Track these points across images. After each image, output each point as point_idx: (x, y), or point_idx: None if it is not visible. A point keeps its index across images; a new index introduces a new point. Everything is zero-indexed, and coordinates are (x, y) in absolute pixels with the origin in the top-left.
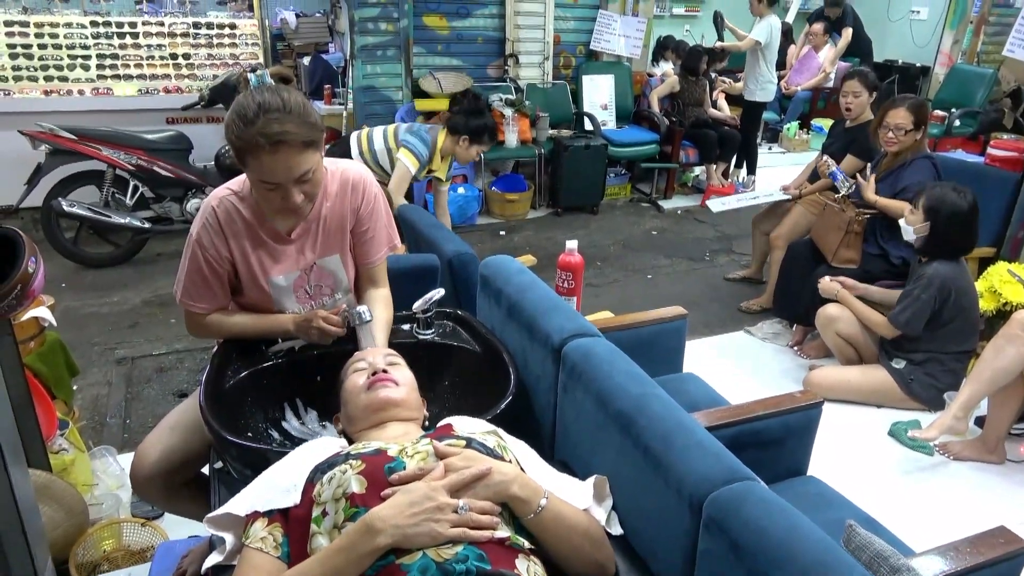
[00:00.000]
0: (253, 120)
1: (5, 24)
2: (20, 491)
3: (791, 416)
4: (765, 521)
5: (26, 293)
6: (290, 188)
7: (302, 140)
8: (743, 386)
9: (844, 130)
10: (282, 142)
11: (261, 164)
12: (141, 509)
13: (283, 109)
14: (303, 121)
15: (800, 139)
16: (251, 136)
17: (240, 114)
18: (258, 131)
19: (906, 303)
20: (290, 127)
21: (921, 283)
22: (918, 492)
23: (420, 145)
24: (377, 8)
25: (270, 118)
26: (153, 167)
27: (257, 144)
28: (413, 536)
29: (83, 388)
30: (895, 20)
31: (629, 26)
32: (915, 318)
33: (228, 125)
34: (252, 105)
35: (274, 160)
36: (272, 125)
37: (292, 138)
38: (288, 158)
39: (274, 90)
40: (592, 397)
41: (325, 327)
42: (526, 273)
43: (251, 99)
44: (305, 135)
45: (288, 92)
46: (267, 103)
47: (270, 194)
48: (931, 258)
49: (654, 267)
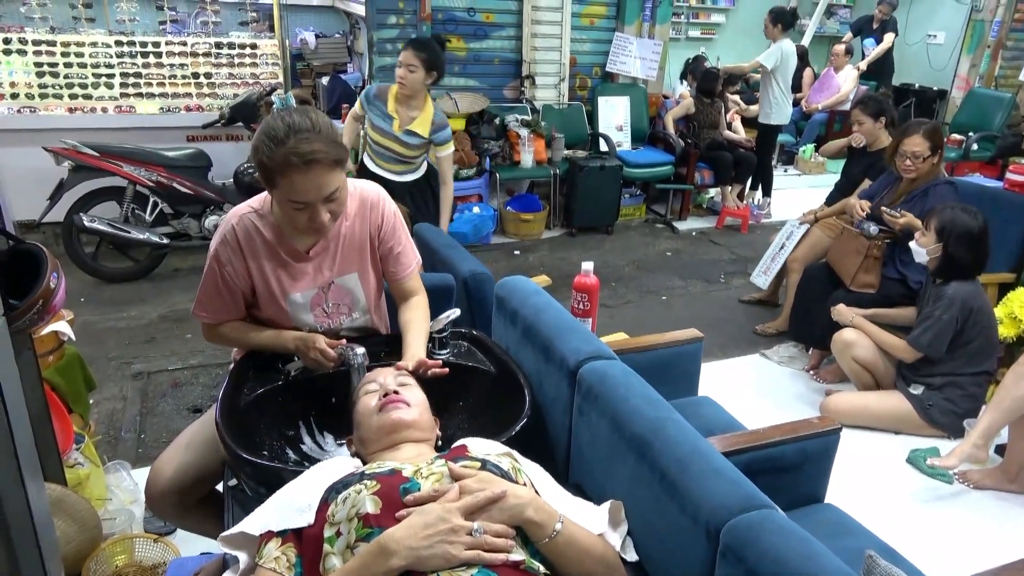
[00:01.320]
0: (284, 140)
1: (33, 43)
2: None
3: (808, 442)
4: (783, 550)
5: (47, 308)
6: (318, 207)
7: (332, 159)
8: (759, 410)
9: (862, 154)
10: (314, 161)
11: (292, 183)
12: (154, 525)
13: (312, 129)
14: (331, 141)
15: (816, 161)
16: (283, 156)
17: (270, 135)
18: (290, 150)
19: (927, 325)
20: (321, 146)
21: (942, 304)
22: (938, 521)
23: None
24: (395, 29)
25: (301, 138)
26: (173, 184)
27: (289, 163)
28: (427, 558)
29: (99, 402)
30: (912, 44)
31: (645, 48)
32: (937, 339)
33: (257, 146)
34: (282, 126)
35: (306, 179)
36: (303, 145)
37: (323, 157)
38: (319, 176)
39: (302, 111)
40: (607, 420)
41: (320, 359)
42: (542, 294)
43: (280, 120)
44: (334, 154)
45: (314, 113)
46: (297, 124)
47: (298, 214)
48: (947, 279)
49: (669, 288)
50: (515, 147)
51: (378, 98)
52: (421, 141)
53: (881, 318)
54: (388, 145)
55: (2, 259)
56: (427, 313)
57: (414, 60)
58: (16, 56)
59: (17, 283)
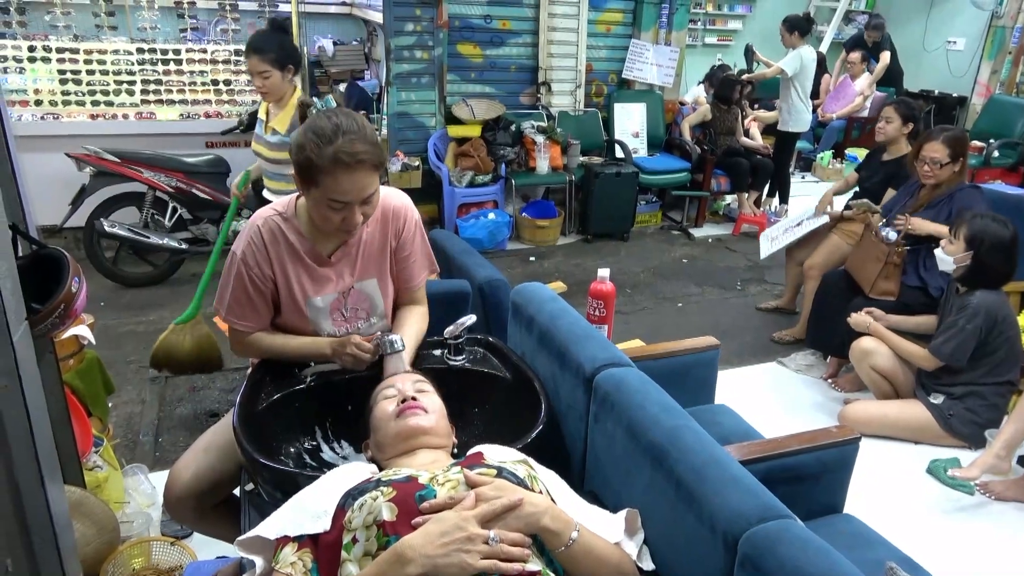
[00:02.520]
0: (331, 139)
1: (57, 51)
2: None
3: (827, 452)
4: (803, 561)
5: (69, 312)
6: (355, 208)
7: (375, 162)
8: (776, 419)
9: (882, 163)
10: (361, 161)
11: (337, 182)
12: (171, 528)
13: (359, 131)
14: (374, 144)
15: (834, 168)
16: (331, 154)
17: (318, 133)
18: (338, 149)
19: (950, 334)
20: (367, 148)
21: (967, 313)
22: (959, 533)
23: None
24: (413, 36)
25: (349, 138)
26: (192, 189)
27: (337, 161)
28: (443, 566)
29: (117, 406)
30: (931, 50)
31: (662, 55)
32: (960, 349)
33: (303, 144)
34: (329, 126)
35: (351, 179)
36: (351, 145)
37: (368, 158)
38: (363, 177)
39: (348, 114)
40: (623, 428)
41: (357, 353)
42: (558, 301)
43: (327, 120)
44: (377, 157)
45: (358, 116)
46: (345, 125)
47: (334, 214)
48: (972, 288)
49: (685, 295)
50: (531, 153)
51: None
52: (281, 140)
53: (901, 326)
54: (259, 151)
55: (25, 264)
56: (424, 323)
57: (263, 65)
58: (40, 64)
59: (39, 287)
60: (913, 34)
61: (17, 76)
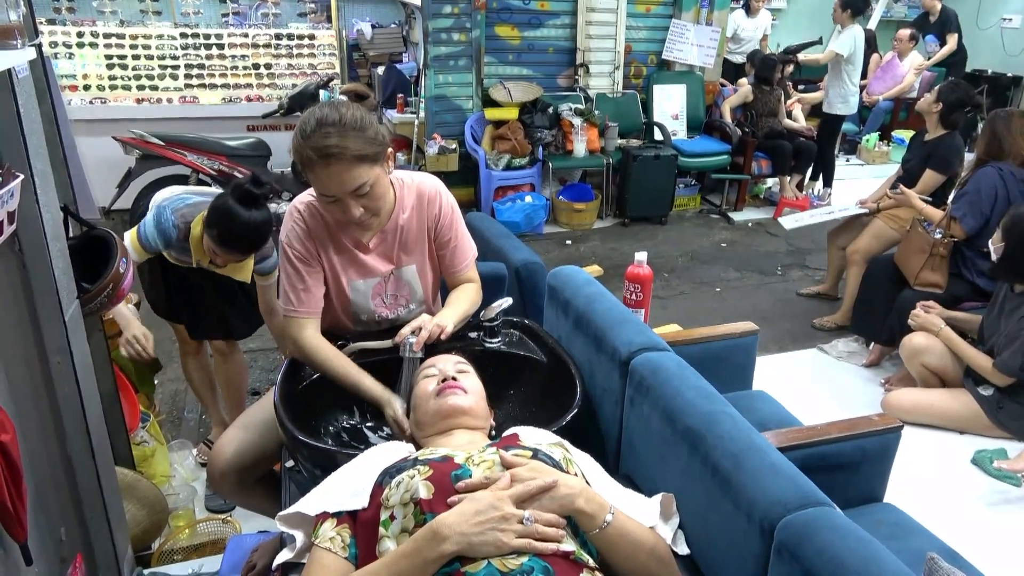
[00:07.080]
0: (310, 135)
1: (104, 36)
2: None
3: (868, 440)
4: (841, 549)
5: (117, 292)
6: (347, 201)
7: (353, 154)
8: (815, 406)
9: (923, 143)
10: (331, 155)
11: (317, 177)
12: (215, 502)
13: (339, 123)
14: (358, 136)
15: (880, 151)
16: (306, 150)
17: (301, 128)
18: (311, 145)
19: (1016, 347)
20: (343, 141)
21: None
22: (1004, 525)
23: (151, 227)
24: (451, 19)
25: (325, 132)
26: (234, 172)
27: (310, 157)
28: (478, 544)
29: (162, 383)
30: (985, 28)
31: (703, 35)
32: None
33: (292, 139)
34: (312, 120)
35: (327, 173)
36: (324, 139)
37: (340, 152)
38: (340, 172)
39: (335, 105)
40: (659, 412)
41: (394, 425)
42: (594, 284)
43: (312, 114)
44: (358, 149)
45: (347, 107)
46: (325, 118)
47: (331, 206)
48: (1005, 280)
49: (723, 280)
50: (568, 136)
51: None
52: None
53: (958, 322)
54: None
55: (75, 244)
56: (476, 297)
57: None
58: (88, 49)
59: (89, 268)
60: (966, 11)
61: (67, 61)
